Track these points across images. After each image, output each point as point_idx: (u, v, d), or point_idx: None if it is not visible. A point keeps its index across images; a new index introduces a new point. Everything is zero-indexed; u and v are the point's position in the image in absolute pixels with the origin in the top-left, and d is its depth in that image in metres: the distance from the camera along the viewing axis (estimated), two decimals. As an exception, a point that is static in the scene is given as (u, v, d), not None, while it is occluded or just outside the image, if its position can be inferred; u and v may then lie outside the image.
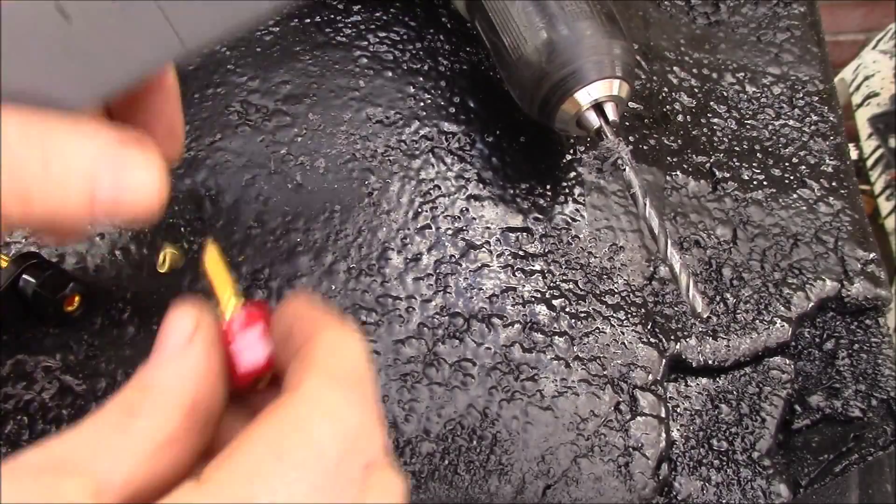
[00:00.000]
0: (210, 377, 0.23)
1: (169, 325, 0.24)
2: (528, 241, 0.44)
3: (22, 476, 0.19)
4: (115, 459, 0.21)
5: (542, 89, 0.40)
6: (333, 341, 0.24)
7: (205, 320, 0.24)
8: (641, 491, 0.39)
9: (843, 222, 0.47)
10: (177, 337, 0.23)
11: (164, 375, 0.22)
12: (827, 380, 0.44)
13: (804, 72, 0.52)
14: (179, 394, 0.22)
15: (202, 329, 0.24)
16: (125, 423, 0.21)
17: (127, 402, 0.22)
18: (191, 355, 0.23)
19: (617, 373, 0.41)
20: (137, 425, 0.21)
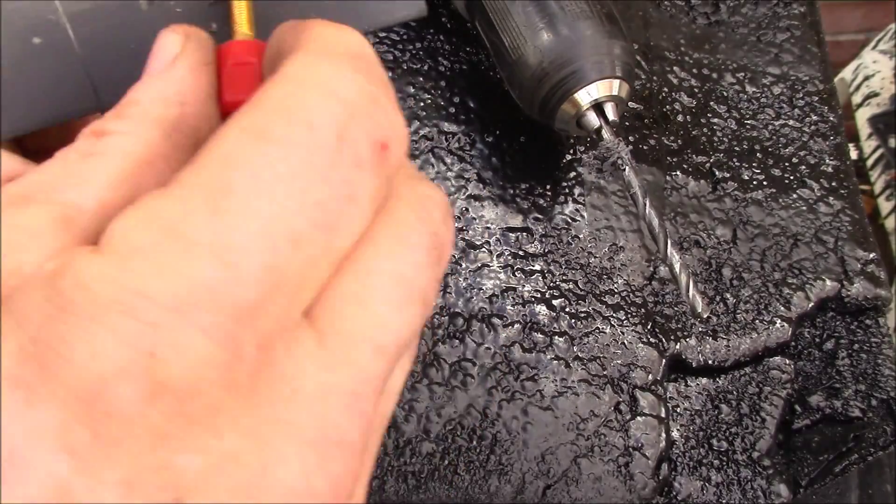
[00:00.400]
0: (196, 95, 0.20)
1: (155, 46, 0.21)
2: (528, 241, 0.44)
3: None
4: (85, 183, 0.18)
5: (542, 89, 0.40)
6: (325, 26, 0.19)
7: (193, 40, 0.21)
8: (641, 491, 0.39)
9: (843, 222, 0.47)
10: (162, 57, 0.20)
11: (144, 94, 0.20)
12: (827, 380, 0.44)
13: (804, 72, 0.52)
14: (160, 110, 0.19)
15: (189, 48, 0.21)
16: (97, 144, 0.18)
17: (100, 124, 0.19)
18: (175, 73, 0.20)
19: (617, 373, 0.41)
20: (110, 143, 0.18)
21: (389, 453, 0.38)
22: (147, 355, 0.15)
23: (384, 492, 0.38)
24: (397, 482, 0.38)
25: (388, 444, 0.38)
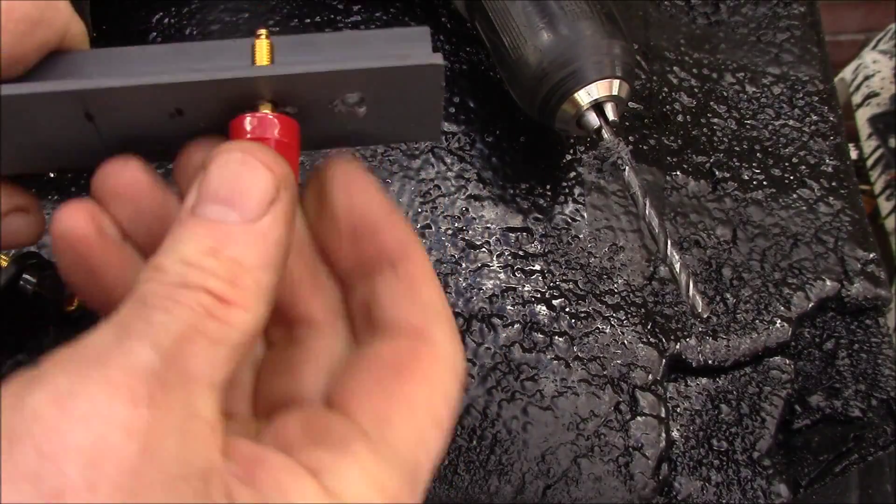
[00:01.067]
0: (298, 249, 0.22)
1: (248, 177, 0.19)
2: (528, 241, 0.44)
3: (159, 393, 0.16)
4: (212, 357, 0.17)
5: (542, 89, 0.40)
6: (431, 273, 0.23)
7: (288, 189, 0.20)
8: (641, 491, 0.39)
9: (843, 222, 0.47)
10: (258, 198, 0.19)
11: (253, 254, 0.19)
12: (827, 380, 0.44)
13: (804, 72, 0.52)
14: (266, 279, 0.19)
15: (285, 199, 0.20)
16: (222, 312, 0.18)
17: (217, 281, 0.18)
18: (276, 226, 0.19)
19: (617, 373, 0.41)
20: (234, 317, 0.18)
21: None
22: None
23: (384, 492, 0.38)
24: (397, 482, 0.38)
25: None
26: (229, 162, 0.20)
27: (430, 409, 0.21)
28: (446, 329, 0.22)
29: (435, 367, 0.22)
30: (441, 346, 0.22)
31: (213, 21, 0.48)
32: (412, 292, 0.23)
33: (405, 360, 0.21)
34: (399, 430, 0.20)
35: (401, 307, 0.22)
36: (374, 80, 0.23)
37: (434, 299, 0.23)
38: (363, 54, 0.23)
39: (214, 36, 0.48)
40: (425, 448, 0.21)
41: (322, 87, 0.22)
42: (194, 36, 0.48)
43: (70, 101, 0.21)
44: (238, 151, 0.20)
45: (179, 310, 0.17)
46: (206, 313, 0.18)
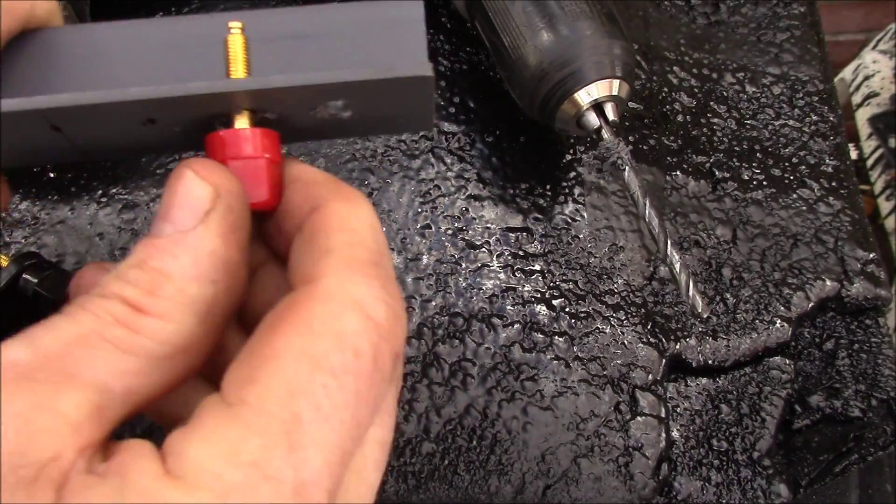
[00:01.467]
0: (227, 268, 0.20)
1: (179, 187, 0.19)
2: (527, 241, 0.44)
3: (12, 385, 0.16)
4: (119, 366, 0.18)
5: (541, 89, 0.40)
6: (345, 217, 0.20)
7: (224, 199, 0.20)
8: (641, 491, 0.39)
9: (843, 222, 0.47)
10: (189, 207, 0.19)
11: (175, 266, 0.19)
12: (827, 380, 0.44)
13: (804, 72, 0.52)
14: (194, 290, 0.19)
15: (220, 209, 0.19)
16: (133, 320, 0.18)
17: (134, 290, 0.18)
18: (206, 244, 0.19)
19: (617, 373, 0.41)
20: (147, 325, 0.18)
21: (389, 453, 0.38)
22: None
23: (384, 492, 0.38)
24: (397, 482, 0.38)
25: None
26: (171, 179, 0.20)
27: (306, 355, 0.18)
28: (338, 265, 0.19)
29: (313, 308, 0.18)
30: (326, 283, 0.19)
31: (213, 21, 0.48)
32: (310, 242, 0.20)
33: (280, 313, 0.19)
34: (262, 386, 0.17)
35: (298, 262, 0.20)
36: (358, 90, 0.21)
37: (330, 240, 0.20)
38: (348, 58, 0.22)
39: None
40: (306, 397, 0.17)
41: (302, 97, 0.21)
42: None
43: (32, 118, 0.20)
44: (180, 167, 0.20)
45: (83, 315, 0.18)
46: (115, 321, 0.18)
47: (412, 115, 0.23)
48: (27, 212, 0.42)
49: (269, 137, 0.21)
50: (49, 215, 0.42)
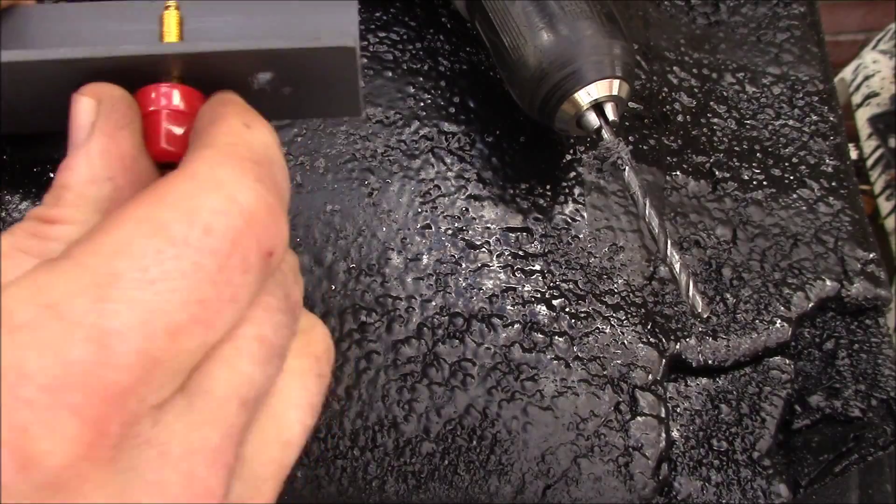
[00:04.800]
0: (121, 163, 0.21)
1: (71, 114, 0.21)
2: (527, 241, 0.44)
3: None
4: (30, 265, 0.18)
5: (541, 89, 0.40)
6: (234, 125, 0.21)
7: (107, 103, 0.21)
8: (641, 491, 0.39)
9: (843, 222, 0.47)
10: (80, 126, 0.21)
11: (73, 176, 0.20)
12: (827, 380, 0.44)
13: (804, 72, 0.52)
14: (93, 191, 0.20)
15: (104, 113, 0.21)
16: (42, 229, 0.20)
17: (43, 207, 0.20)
18: (95, 145, 0.21)
19: (617, 373, 0.41)
20: (57, 231, 0.20)
21: (389, 453, 0.38)
22: (20, 430, 0.16)
23: (384, 492, 0.38)
24: (397, 482, 0.38)
25: (388, 444, 0.38)
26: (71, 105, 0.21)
27: (147, 220, 0.17)
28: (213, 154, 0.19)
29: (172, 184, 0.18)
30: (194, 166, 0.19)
31: (213, 21, 0.48)
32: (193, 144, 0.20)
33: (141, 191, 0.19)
34: (91, 243, 0.17)
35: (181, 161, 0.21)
36: (283, 61, 0.22)
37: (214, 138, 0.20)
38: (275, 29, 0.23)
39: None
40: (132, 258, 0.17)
41: (228, 65, 0.22)
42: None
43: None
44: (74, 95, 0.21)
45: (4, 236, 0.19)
46: (27, 234, 0.20)
47: (341, 96, 0.24)
48: (27, 212, 0.42)
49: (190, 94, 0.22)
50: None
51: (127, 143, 0.21)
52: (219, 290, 0.18)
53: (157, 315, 0.17)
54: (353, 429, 0.38)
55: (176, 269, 0.17)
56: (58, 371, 0.16)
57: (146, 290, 0.17)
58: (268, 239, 0.19)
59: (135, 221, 0.18)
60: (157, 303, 0.17)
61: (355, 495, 0.37)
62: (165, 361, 0.17)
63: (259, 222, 0.19)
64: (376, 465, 0.38)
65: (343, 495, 0.37)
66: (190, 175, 0.18)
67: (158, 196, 0.18)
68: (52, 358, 0.16)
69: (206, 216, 0.18)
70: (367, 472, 0.38)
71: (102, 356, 0.16)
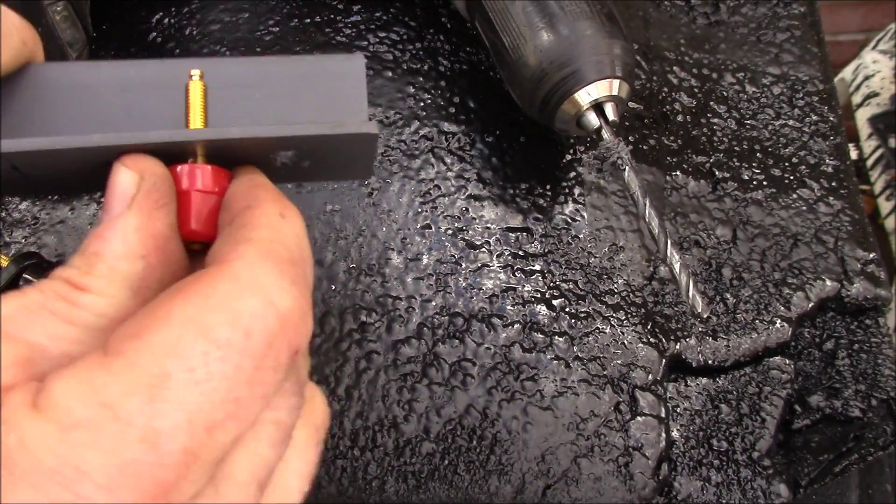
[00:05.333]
0: (156, 243, 0.21)
1: (111, 182, 0.21)
2: (528, 241, 0.44)
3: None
4: (54, 331, 0.19)
5: (541, 89, 0.40)
6: (274, 218, 0.21)
7: (149, 180, 0.21)
8: (641, 491, 0.39)
9: (843, 222, 0.47)
10: (119, 196, 0.21)
11: (108, 248, 0.21)
12: (827, 380, 0.44)
13: (804, 72, 0.52)
14: (125, 267, 0.21)
15: (144, 189, 0.21)
16: (72, 295, 0.20)
17: (74, 270, 0.20)
18: (132, 221, 0.21)
19: (617, 373, 0.41)
20: (86, 301, 0.20)
21: (389, 453, 0.38)
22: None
23: (384, 492, 0.38)
24: (397, 482, 0.38)
25: (388, 444, 0.38)
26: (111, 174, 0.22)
27: (194, 322, 0.18)
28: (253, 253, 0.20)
29: (216, 283, 0.19)
30: (235, 265, 0.20)
31: (213, 21, 0.48)
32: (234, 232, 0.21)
33: (182, 283, 0.20)
34: (142, 342, 0.18)
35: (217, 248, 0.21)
36: (308, 143, 0.23)
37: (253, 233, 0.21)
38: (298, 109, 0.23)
39: (215, 35, 0.48)
40: (181, 359, 0.18)
41: (255, 148, 0.23)
42: (194, 36, 0.48)
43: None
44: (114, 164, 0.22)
45: (31, 291, 0.20)
46: (57, 296, 0.20)
47: (355, 165, 0.25)
48: (27, 212, 0.42)
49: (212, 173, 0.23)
50: (49, 215, 0.42)
51: (163, 224, 0.21)
52: (253, 389, 0.19)
53: (199, 414, 0.18)
54: (353, 429, 0.38)
55: (219, 371, 0.18)
56: (114, 471, 0.17)
57: (192, 391, 0.18)
58: (297, 338, 0.20)
59: (182, 322, 0.18)
60: (200, 403, 0.18)
61: (355, 495, 0.37)
62: (202, 456, 0.18)
63: (292, 325, 0.20)
64: (376, 465, 0.38)
65: (343, 495, 0.37)
66: (232, 276, 0.19)
67: (203, 296, 0.19)
68: (109, 458, 0.17)
69: (247, 320, 0.19)
70: (367, 472, 0.38)
71: (153, 456, 0.17)
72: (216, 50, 0.47)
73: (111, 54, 0.47)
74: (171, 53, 0.47)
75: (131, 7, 0.48)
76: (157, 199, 0.21)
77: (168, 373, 0.18)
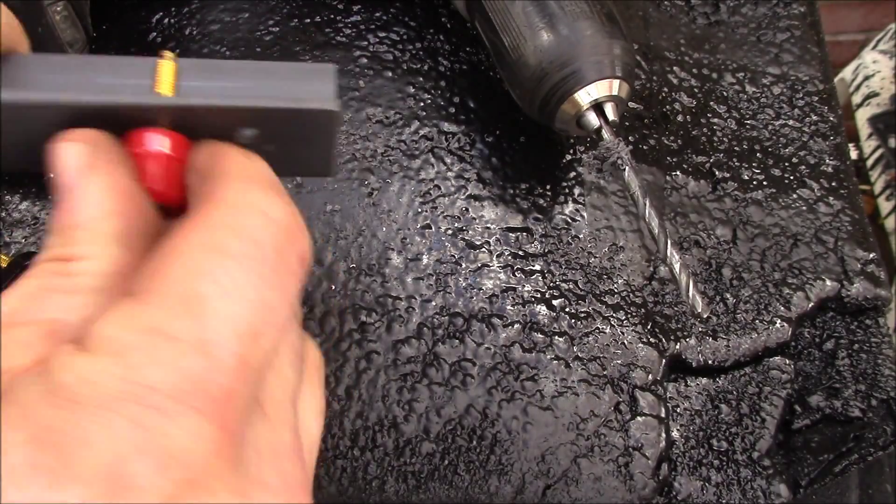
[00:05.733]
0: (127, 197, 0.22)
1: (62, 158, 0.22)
2: (527, 241, 0.44)
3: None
4: (63, 304, 0.20)
5: (541, 89, 0.40)
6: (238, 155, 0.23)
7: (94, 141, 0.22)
8: (641, 491, 0.39)
9: (843, 222, 0.47)
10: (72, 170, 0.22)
11: (81, 215, 0.21)
12: (827, 380, 0.44)
13: (804, 72, 0.52)
14: (106, 227, 0.21)
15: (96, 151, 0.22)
16: (65, 268, 0.21)
17: (56, 249, 0.21)
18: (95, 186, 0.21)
19: (617, 373, 0.41)
20: (78, 268, 0.20)
21: (389, 453, 0.38)
22: (159, 435, 0.17)
23: (384, 492, 0.38)
24: (397, 482, 0.38)
25: (388, 444, 0.38)
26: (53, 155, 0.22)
27: (206, 245, 0.19)
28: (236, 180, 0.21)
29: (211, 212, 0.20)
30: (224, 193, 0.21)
31: (213, 21, 0.48)
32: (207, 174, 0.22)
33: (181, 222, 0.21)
34: (163, 274, 0.19)
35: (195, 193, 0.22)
36: (268, 119, 0.23)
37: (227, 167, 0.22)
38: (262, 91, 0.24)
39: (215, 35, 0.48)
40: (206, 277, 0.19)
41: (217, 119, 0.23)
42: (194, 36, 0.48)
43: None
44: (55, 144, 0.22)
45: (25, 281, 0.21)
46: (52, 274, 0.21)
47: (319, 155, 0.26)
48: (27, 212, 0.42)
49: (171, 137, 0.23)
50: (49, 215, 0.42)
51: (125, 179, 0.22)
52: (278, 293, 0.20)
53: (241, 322, 0.19)
54: (353, 429, 0.38)
55: (244, 281, 0.19)
56: (178, 380, 0.18)
57: (227, 302, 0.19)
58: (301, 243, 0.21)
59: (194, 248, 0.19)
60: (237, 311, 0.19)
61: (355, 495, 0.37)
62: (252, 362, 0.19)
63: (292, 231, 0.21)
64: (376, 465, 0.38)
65: (343, 495, 0.37)
66: (221, 201, 0.20)
67: (205, 225, 0.20)
68: (170, 370, 0.18)
69: (251, 232, 0.20)
70: (367, 472, 0.38)
71: (210, 363, 0.18)
72: (216, 50, 0.47)
73: (111, 54, 0.47)
74: (171, 53, 0.47)
75: (131, 7, 0.48)
76: (111, 159, 0.22)
77: (199, 292, 0.19)
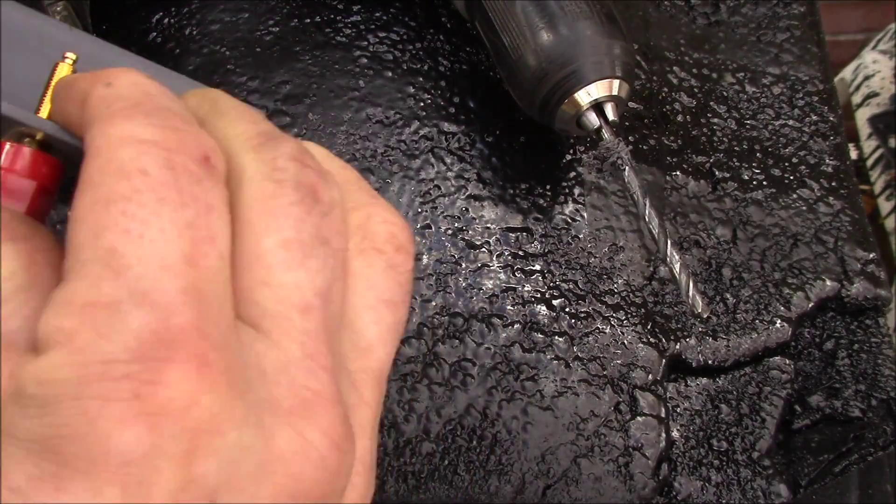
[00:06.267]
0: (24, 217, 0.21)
1: None
2: (527, 241, 0.44)
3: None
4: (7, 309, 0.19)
5: (541, 89, 0.40)
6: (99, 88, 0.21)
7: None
8: (641, 491, 0.39)
9: (843, 222, 0.47)
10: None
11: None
12: (827, 380, 0.44)
13: (804, 72, 0.52)
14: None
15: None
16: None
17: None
18: None
19: (617, 373, 0.41)
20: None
21: (389, 453, 0.38)
22: (138, 399, 0.16)
23: (384, 492, 0.38)
24: (397, 482, 0.38)
25: (388, 444, 0.38)
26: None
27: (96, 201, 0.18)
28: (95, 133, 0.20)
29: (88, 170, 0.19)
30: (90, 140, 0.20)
31: (213, 21, 0.48)
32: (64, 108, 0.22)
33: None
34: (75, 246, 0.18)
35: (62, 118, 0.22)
36: None
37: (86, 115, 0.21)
38: None
39: (215, 35, 0.48)
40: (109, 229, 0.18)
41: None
42: (194, 36, 0.48)
43: None
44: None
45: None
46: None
47: None
48: (27, 212, 0.42)
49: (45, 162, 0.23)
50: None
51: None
52: (190, 206, 0.18)
53: (167, 256, 0.18)
54: (353, 429, 0.38)
55: (148, 214, 0.18)
56: (133, 342, 0.17)
57: (141, 243, 0.18)
58: (192, 149, 0.19)
59: (87, 208, 0.18)
60: (158, 247, 0.18)
61: (355, 495, 0.37)
62: (204, 286, 0.18)
63: (172, 142, 0.19)
64: (376, 465, 0.38)
65: (343, 495, 0.37)
66: (91, 151, 0.19)
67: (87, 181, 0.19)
68: (121, 336, 0.17)
69: (132, 164, 0.18)
70: (367, 472, 0.38)
71: (156, 310, 0.17)
72: (216, 50, 0.47)
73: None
74: (171, 53, 0.47)
75: (131, 7, 0.48)
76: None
77: (112, 247, 0.18)
